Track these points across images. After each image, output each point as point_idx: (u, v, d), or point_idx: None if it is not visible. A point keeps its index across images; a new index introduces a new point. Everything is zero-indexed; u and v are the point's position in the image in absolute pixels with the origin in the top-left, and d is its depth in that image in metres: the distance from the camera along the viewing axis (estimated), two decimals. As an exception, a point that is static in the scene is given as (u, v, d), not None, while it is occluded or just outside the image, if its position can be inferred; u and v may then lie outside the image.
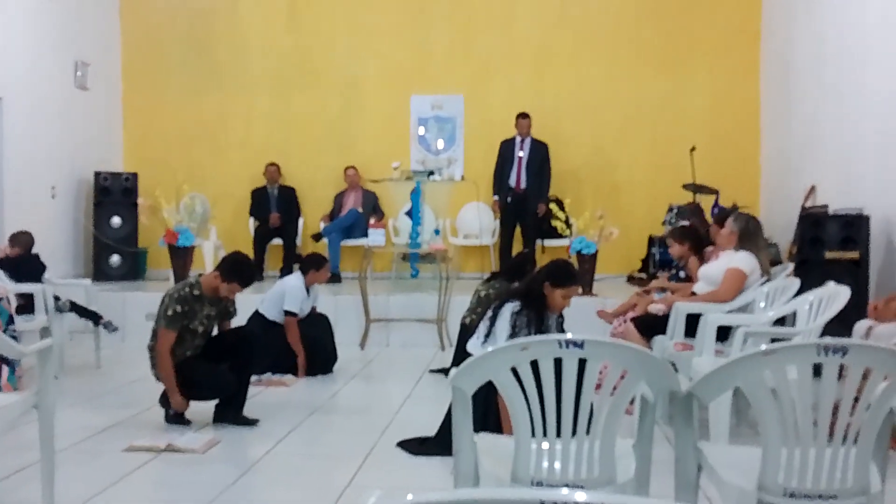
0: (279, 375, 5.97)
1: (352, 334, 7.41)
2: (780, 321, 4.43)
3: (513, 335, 3.71)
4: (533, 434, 2.25)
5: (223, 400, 4.69)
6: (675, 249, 5.61)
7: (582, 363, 2.18)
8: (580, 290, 3.91)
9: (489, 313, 3.90)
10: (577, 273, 3.96)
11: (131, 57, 10.16)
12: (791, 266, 5.68)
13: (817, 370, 2.17)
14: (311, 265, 6.31)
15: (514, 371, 2.18)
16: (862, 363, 2.08)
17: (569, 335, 2.12)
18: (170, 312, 4.51)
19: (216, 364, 4.66)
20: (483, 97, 9.79)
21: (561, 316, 4.03)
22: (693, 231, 5.79)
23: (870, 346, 2.13)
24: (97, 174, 9.19)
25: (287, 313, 6.11)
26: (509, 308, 3.75)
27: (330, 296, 7.62)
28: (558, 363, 2.17)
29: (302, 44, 9.99)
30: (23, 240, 6.51)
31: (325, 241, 9.08)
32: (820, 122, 7.56)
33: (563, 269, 3.90)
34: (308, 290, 6.28)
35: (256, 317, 6.15)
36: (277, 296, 6.21)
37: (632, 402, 2.35)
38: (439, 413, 4.17)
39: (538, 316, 3.73)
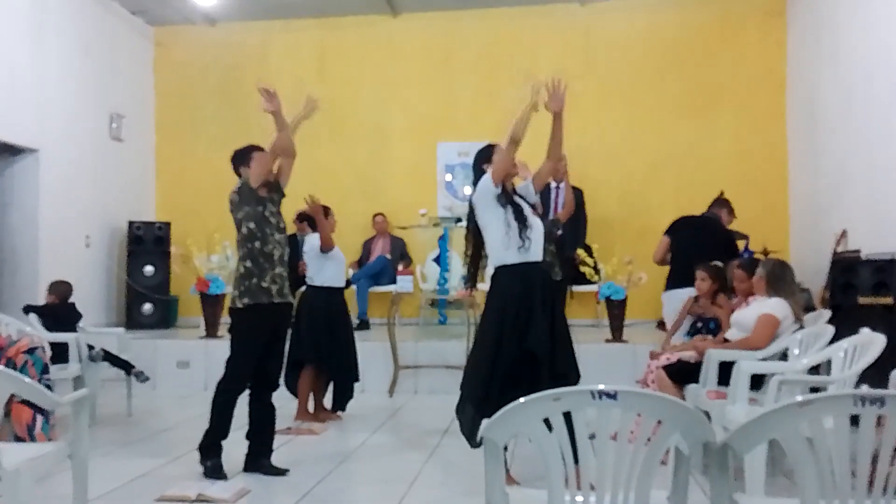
0: (308, 424, 5.98)
1: (380, 381, 7.42)
2: (815, 369, 4.37)
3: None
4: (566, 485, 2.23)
5: (253, 448, 4.71)
6: (706, 284, 5.57)
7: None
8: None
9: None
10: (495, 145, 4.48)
11: (164, 109, 10.42)
12: (828, 313, 5.55)
13: (854, 420, 2.15)
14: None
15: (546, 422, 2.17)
16: (901, 414, 2.04)
17: (601, 386, 2.11)
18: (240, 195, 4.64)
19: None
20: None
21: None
22: (724, 273, 5.77)
23: (909, 397, 2.09)
24: (131, 223, 9.36)
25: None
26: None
27: (358, 342, 7.60)
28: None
29: (330, 94, 10.08)
30: (59, 289, 6.63)
31: (353, 287, 9.13)
32: (849, 166, 7.53)
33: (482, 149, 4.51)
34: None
35: (311, 290, 6.22)
36: (313, 259, 6.24)
37: (666, 452, 2.33)
38: (470, 461, 4.13)
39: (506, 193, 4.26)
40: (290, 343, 5.19)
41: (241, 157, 4.80)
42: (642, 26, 9.77)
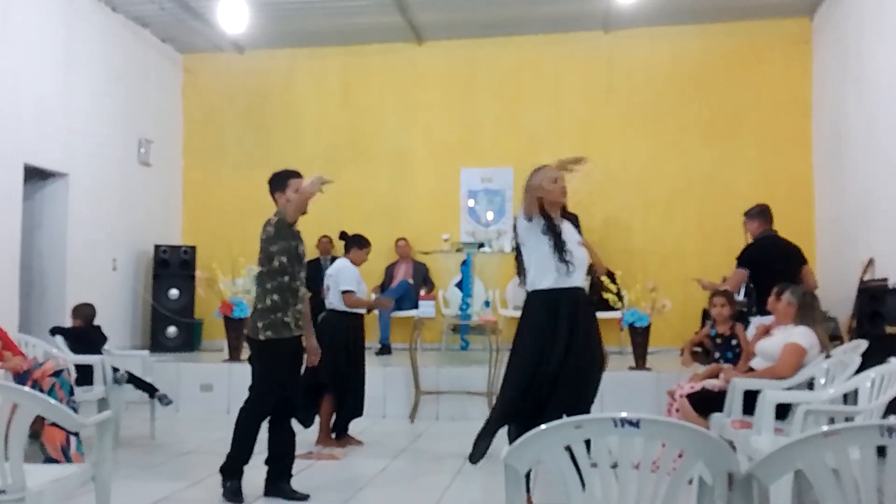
0: (329, 449, 5.98)
1: (401, 407, 7.41)
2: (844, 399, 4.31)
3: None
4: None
5: (272, 473, 4.70)
6: (726, 310, 5.57)
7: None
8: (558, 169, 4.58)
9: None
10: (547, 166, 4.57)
11: (192, 135, 10.57)
12: (864, 343, 5.37)
13: (881, 451, 2.11)
14: (354, 243, 6.46)
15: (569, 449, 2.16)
16: (929, 446, 2.01)
17: (624, 414, 2.10)
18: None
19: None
20: (531, 170, 9.88)
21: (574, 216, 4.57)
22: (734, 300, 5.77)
23: (936, 429, 2.06)
24: (157, 247, 9.46)
25: (344, 292, 6.17)
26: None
27: (379, 367, 7.64)
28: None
29: (354, 120, 10.28)
30: (84, 312, 6.70)
31: (375, 312, 9.14)
32: (875, 194, 7.46)
33: (536, 170, 4.53)
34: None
35: (333, 315, 6.24)
36: (334, 283, 6.28)
37: (690, 481, 2.31)
38: (490, 488, 4.11)
39: (549, 222, 4.33)
40: (309, 368, 5.20)
41: (278, 182, 4.87)
42: (666, 54, 9.79)
